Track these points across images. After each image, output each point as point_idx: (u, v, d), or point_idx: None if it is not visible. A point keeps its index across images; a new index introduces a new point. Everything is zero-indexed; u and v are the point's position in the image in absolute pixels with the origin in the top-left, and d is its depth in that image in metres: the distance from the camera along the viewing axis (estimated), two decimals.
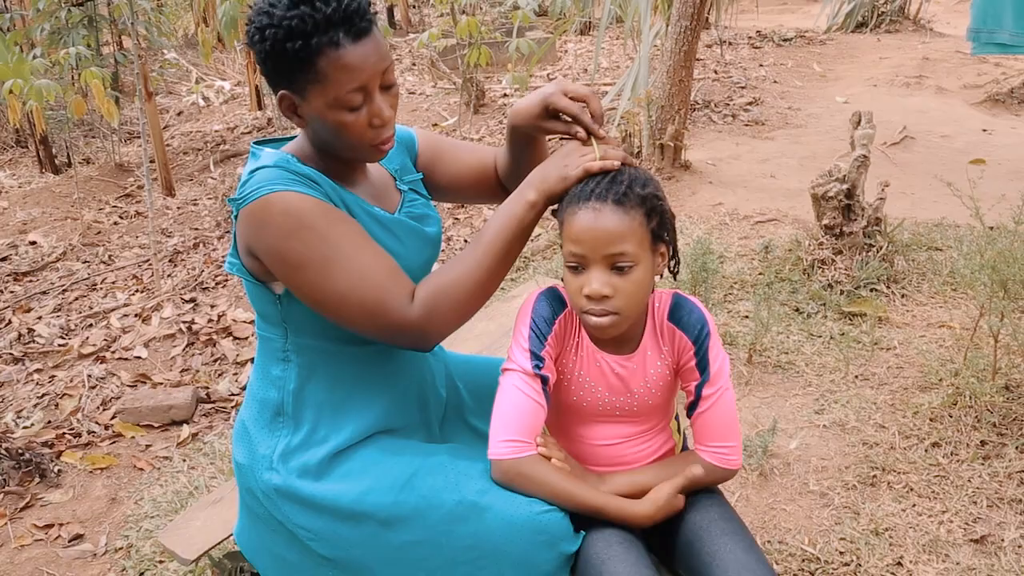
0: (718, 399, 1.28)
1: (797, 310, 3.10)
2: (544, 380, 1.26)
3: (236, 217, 1.19)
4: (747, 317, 3.07)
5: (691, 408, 1.30)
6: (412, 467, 1.27)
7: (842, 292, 3.12)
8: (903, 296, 3.13)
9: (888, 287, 3.16)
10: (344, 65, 1.13)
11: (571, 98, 1.25)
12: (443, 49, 6.76)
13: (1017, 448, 2.18)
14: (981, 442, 2.22)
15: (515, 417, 1.24)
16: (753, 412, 2.53)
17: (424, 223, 1.39)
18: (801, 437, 2.38)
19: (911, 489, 2.11)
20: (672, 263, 1.29)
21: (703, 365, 1.27)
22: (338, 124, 1.18)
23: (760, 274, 3.41)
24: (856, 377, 2.65)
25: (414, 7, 12.60)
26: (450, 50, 7.06)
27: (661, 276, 1.28)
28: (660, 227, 1.21)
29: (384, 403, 1.36)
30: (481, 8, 7.16)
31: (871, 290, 3.14)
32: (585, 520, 1.24)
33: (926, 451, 2.24)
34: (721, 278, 3.39)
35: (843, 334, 2.91)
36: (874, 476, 2.17)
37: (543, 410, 1.26)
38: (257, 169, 1.20)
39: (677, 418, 1.48)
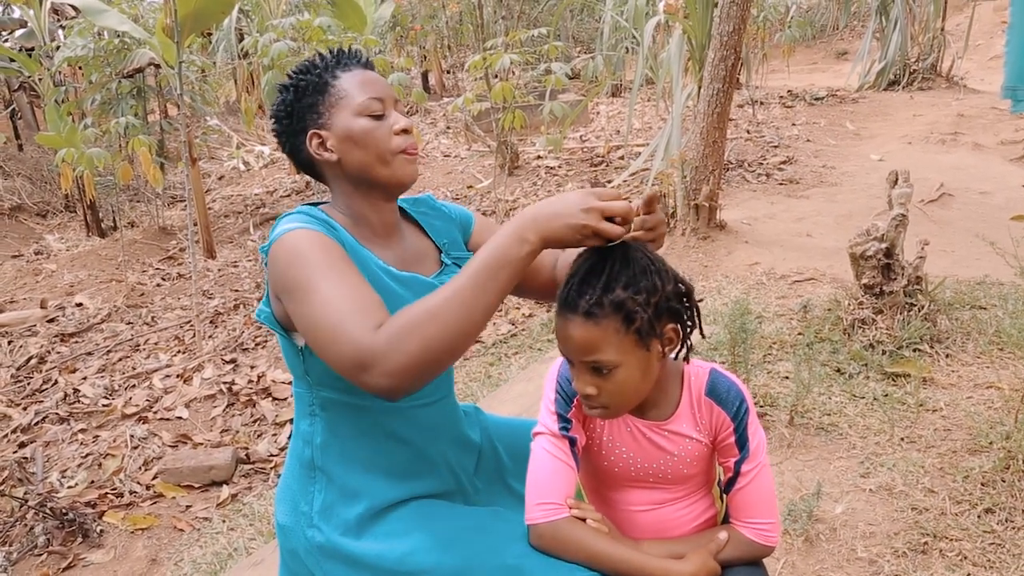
0: (756, 476, 1.27)
1: (838, 371, 3.07)
2: (572, 441, 1.27)
3: (267, 265, 1.24)
4: (787, 378, 3.04)
5: (729, 484, 1.29)
6: (454, 529, 1.27)
7: (884, 352, 3.08)
8: (947, 356, 3.08)
9: (932, 347, 3.12)
10: (360, 80, 1.32)
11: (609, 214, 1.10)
12: (478, 113, 6.93)
13: None
14: None
15: (547, 480, 1.24)
16: (796, 475, 2.49)
17: None
18: (847, 501, 2.33)
19: (965, 557, 2.05)
20: (684, 343, 1.22)
21: (742, 442, 1.26)
22: (365, 132, 1.29)
23: (799, 334, 3.39)
24: (902, 439, 2.60)
25: (448, 72, 12.94)
26: (484, 114, 7.24)
27: (675, 357, 1.24)
28: (650, 323, 1.13)
29: (413, 466, 1.36)
30: (514, 72, 7.35)
31: (914, 350, 3.10)
32: None
33: (979, 517, 2.17)
34: (760, 338, 3.37)
35: (887, 395, 2.86)
36: (925, 543, 2.11)
37: (573, 472, 1.27)
38: (283, 216, 1.27)
39: (719, 483, 1.47)
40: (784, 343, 3.36)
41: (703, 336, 1.26)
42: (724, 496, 1.43)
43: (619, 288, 1.12)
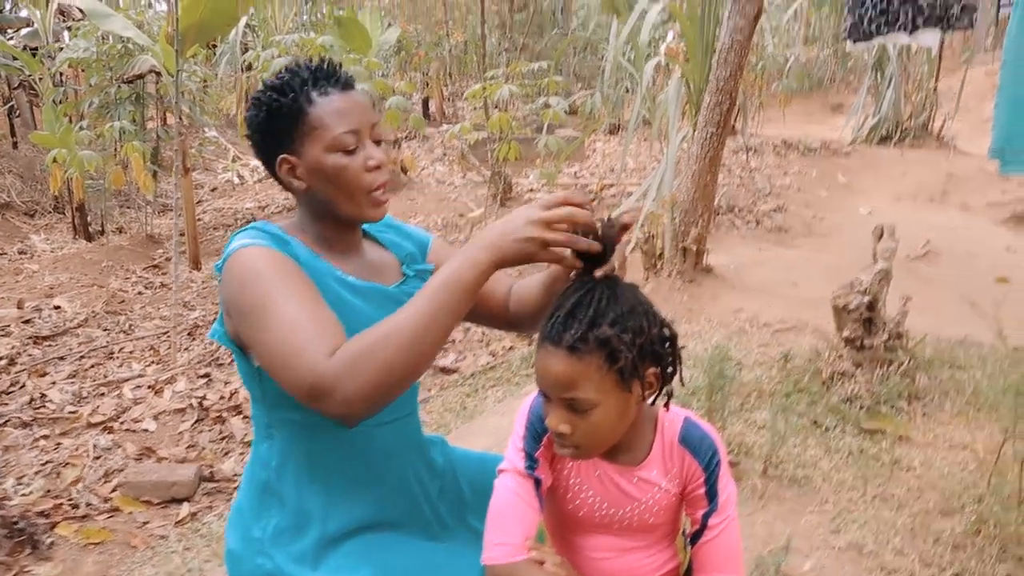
0: (724, 529, 1.23)
1: (815, 423, 3.04)
2: (537, 482, 1.23)
3: (220, 283, 1.21)
4: (763, 427, 3.01)
5: (695, 536, 1.26)
6: (407, 566, 1.23)
7: (862, 407, 3.06)
8: (924, 414, 3.06)
9: (909, 404, 3.10)
10: (336, 109, 1.24)
11: (554, 222, 1.09)
12: (474, 142, 6.95)
13: None
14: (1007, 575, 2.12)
15: (507, 519, 1.20)
16: (767, 527, 2.44)
17: None
18: (816, 558, 2.29)
19: None
20: (664, 390, 1.19)
21: (712, 494, 1.23)
22: (336, 169, 1.23)
23: (778, 384, 3.36)
24: (874, 497, 2.57)
25: (449, 100, 13.00)
26: (481, 143, 7.26)
27: (652, 402, 1.20)
28: (633, 364, 1.10)
29: (372, 488, 1.32)
30: (514, 104, 7.39)
31: (892, 406, 3.07)
32: None
33: None
34: (739, 386, 3.34)
35: (862, 451, 2.83)
36: None
37: (535, 513, 1.22)
38: (236, 233, 1.24)
39: (684, 534, 1.42)
40: (763, 392, 3.33)
41: (682, 383, 1.23)
42: (688, 548, 1.38)
43: (606, 325, 1.09)
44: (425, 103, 12.98)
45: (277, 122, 1.25)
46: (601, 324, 1.09)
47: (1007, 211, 6.36)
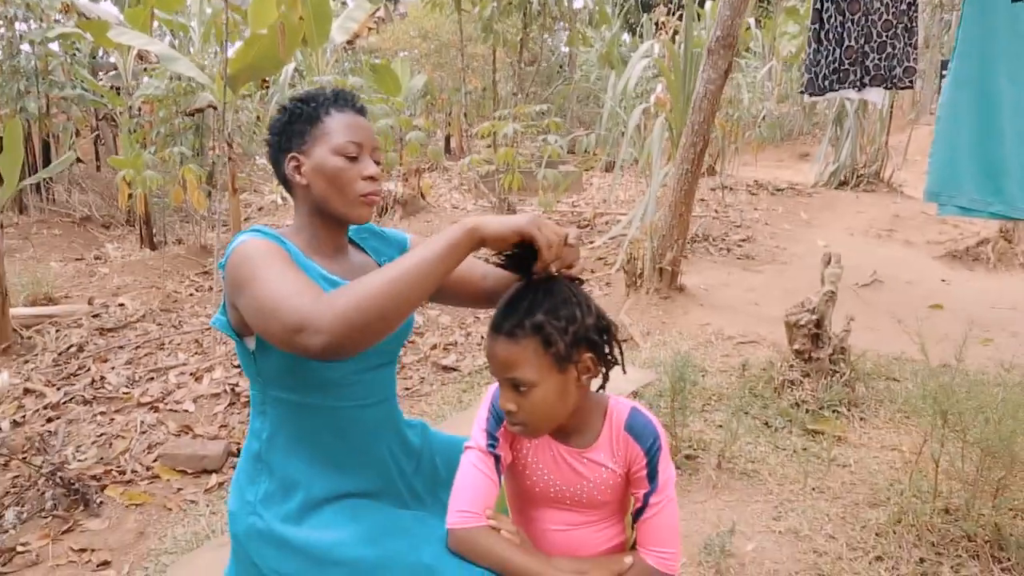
0: (663, 508, 1.23)
1: (766, 424, 3.02)
2: (497, 459, 1.23)
3: (224, 277, 1.21)
4: (720, 427, 3.00)
5: (638, 513, 1.26)
6: (379, 527, 1.24)
7: (807, 411, 3.05)
8: (861, 419, 3.04)
9: (848, 410, 3.08)
10: (347, 123, 1.28)
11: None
12: (486, 173, 6.98)
13: (952, 568, 2.06)
14: (920, 559, 2.10)
15: (469, 490, 1.21)
16: (717, 513, 2.43)
17: None
18: (758, 540, 2.28)
19: None
20: (603, 373, 1.20)
21: (652, 475, 1.22)
22: (336, 170, 1.26)
23: (736, 389, 3.35)
24: (813, 489, 2.55)
25: (467, 137, 13.07)
26: (491, 174, 7.30)
27: (599, 389, 1.21)
28: (567, 349, 1.11)
29: (350, 461, 1.32)
30: (519, 141, 7.43)
31: (833, 411, 3.06)
32: None
33: (870, 563, 2.12)
34: (701, 389, 3.33)
35: (805, 449, 2.81)
36: None
37: (495, 486, 1.23)
38: (237, 235, 1.25)
39: (631, 513, 1.42)
40: (722, 395, 3.32)
41: (624, 371, 1.23)
42: (635, 524, 1.38)
43: (540, 313, 1.10)
44: (447, 139, 13.06)
45: (296, 124, 1.29)
46: (536, 313, 1.10)
47: (943, 249, 6.33)
